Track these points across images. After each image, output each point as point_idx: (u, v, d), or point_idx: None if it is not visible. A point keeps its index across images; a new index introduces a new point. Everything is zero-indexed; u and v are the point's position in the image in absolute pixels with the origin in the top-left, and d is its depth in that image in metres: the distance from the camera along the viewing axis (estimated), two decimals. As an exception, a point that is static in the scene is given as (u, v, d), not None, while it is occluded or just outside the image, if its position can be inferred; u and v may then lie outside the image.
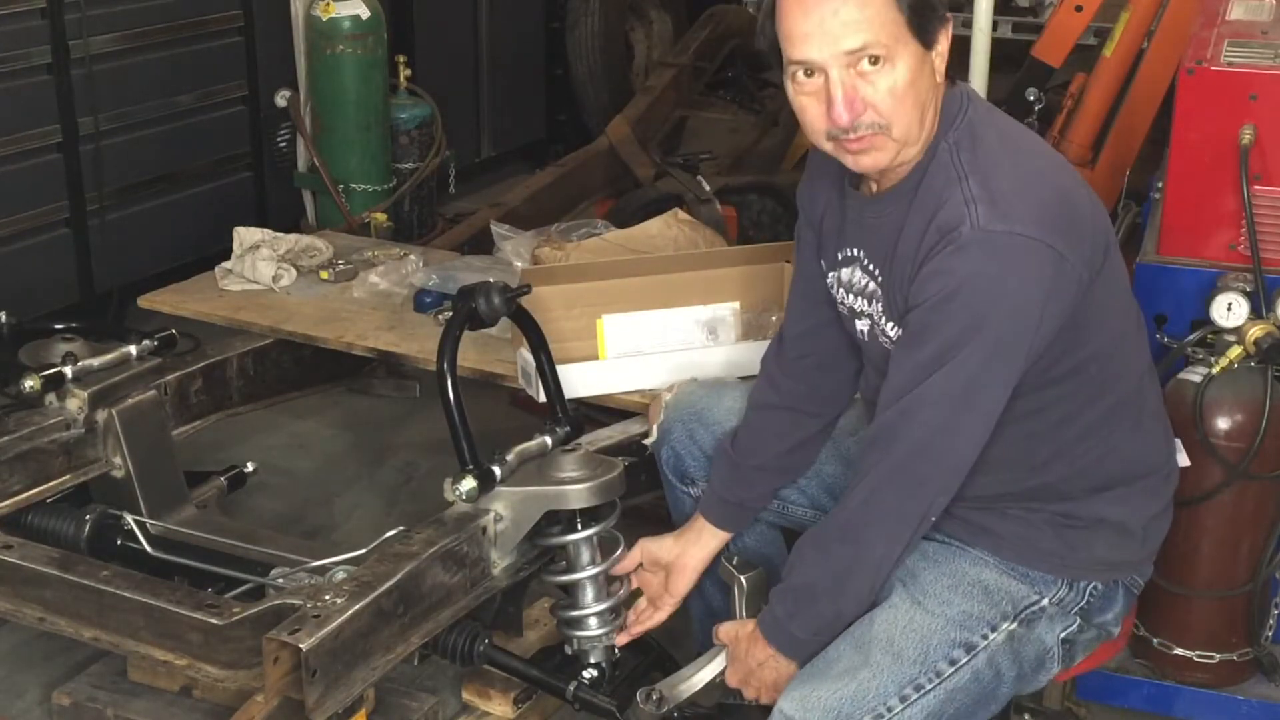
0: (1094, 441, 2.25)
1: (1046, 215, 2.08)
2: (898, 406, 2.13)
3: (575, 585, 2.59)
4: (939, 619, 2.21)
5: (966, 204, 2.07)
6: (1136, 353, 2.32)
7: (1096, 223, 2.19)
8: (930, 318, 2.09)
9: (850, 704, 2.14)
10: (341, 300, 3.56)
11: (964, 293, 2.05)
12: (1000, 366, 2.09)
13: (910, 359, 2.12)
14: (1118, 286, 2.25)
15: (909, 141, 2.13)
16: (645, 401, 3.02)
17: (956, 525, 2.28)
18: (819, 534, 2.26)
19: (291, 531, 3.50)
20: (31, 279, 4.30)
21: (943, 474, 2.15)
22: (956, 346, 2.07)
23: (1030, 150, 2.22)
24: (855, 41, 2.06)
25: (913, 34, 2.08)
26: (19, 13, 4.19)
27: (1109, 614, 2.34)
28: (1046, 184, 2.14)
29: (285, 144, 4.95)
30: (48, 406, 2.96)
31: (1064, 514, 2.27)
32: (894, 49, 2.08)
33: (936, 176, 2.13)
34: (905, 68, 2.09)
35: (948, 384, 2.08)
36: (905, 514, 2.18)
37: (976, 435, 2.13)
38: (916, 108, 2.11)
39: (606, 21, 6.34)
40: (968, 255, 2.05)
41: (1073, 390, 2.21)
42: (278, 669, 2.27)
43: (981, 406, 2.11)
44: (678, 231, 3.45)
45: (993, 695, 2.26)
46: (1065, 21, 4.11)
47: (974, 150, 2.13)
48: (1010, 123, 2.27)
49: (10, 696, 3.01)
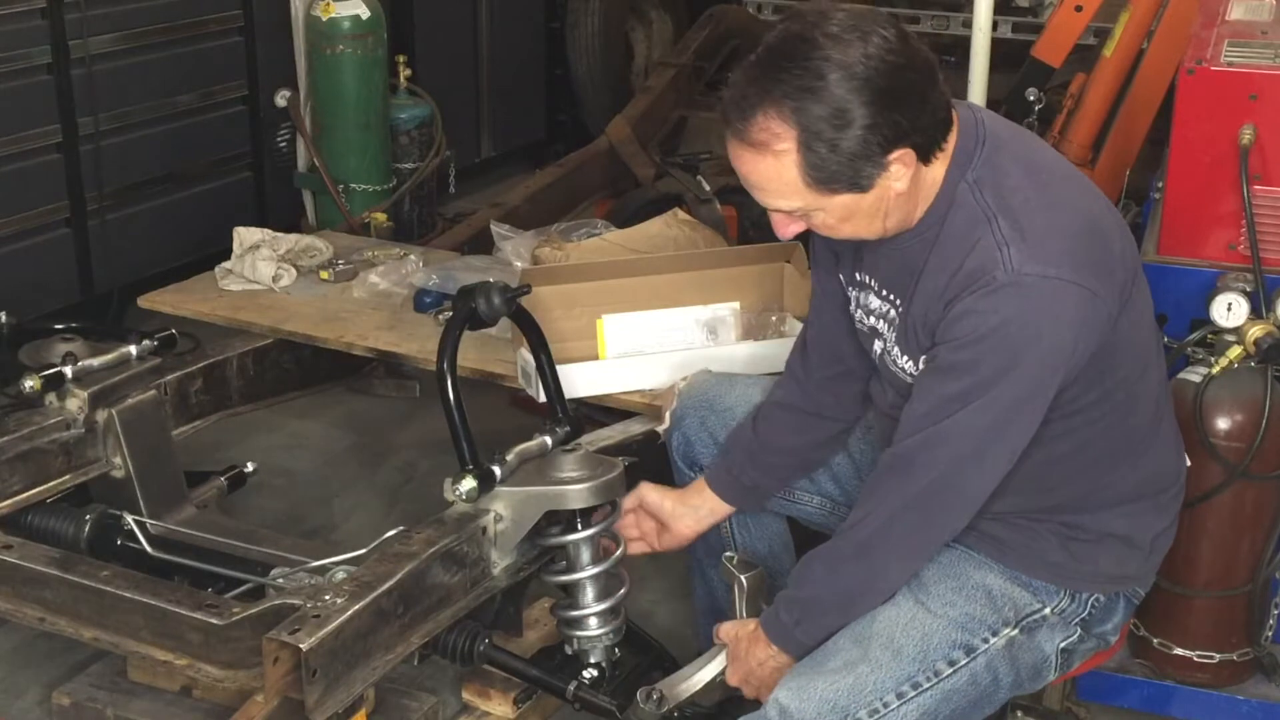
0: (1111, 462, 2.25)
1: (1079, 252, 2.06)
2: (921, 436, 2.12)
3: (575, 585, 2.60)
4: (941, 619, 2.21)
5: (999, 247, 2.04)
6: (1157, 373, 2.32)
7: (1125, 251, 2.17)
8: (961, 356, 2.07)
9: (847, 697, 2.14)
10: (341, 300, 3.56)
11: (998, 334, 2.04)
12: (1028, 405, 2.09)
13: (937, 391, 2.11)
14: (1143, 311, 2.24)
15: (886, 232, 2.14)
16: (645, 401, 3.02)
17: (964, 532, 2.27)
18: (831, 552, 2.25)
19: (291, 531, 3.50)
20: (31, 279, 4.30)
21: (962, 504, 2.16)
22: (987, 385, 2.06)
23: (1057, 174, 2.19)
24: (771, 202, 2.11)
25: (838, 193, 2.06)
26: (19, 13, 4.19)
27: (1108, 624, 2.35)
28: (1077, 215, 2.11)
29: (285, 144, 4.95)
30: (48, 406, 2.95)
31: (1071, 527, 2.27)
32: (812, 204, 2.09)
33: (960, 217, 2.10)
34: (835, 214, 2.10)
35: (975, 421, 2.08)
36: (922, 541, 2.19)
37: (1000, 469, 2.14)
38: (873, 219, 2.11)
39: (606, 21, 6.34)
40: (1003, 298, 2.03)
41: (1098, 417, 2.20)
42: (278, 669, 2.27)
43: (1007, 443, 2.11)
44: (678, 231, 3.45)
45: (989, 699, 2.26)
46: (1065, 21, 4.11)
47: (998, 186, 2.10)
48: (1032, 143, 2.24)
49: (10, 696, 3.01)
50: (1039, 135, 4.01)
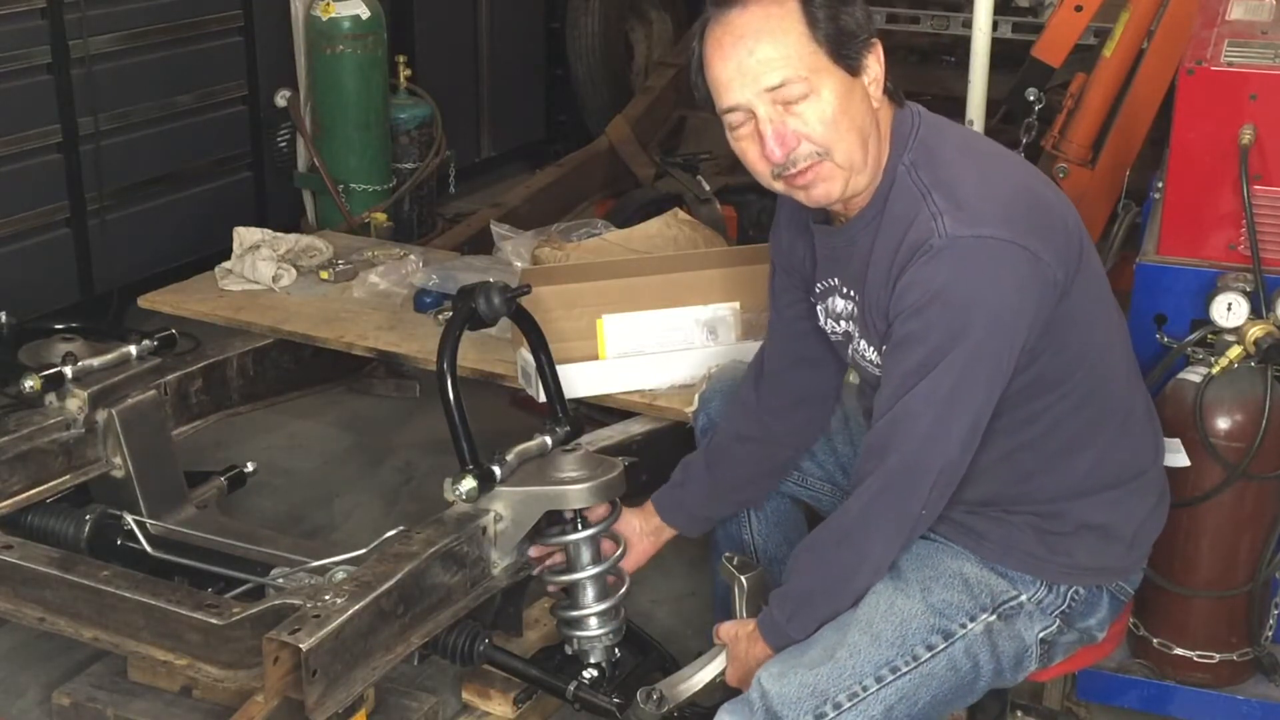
0: (1079, 449, 2.26)
1: (1014, 216, 2.10)
2: (889, 416, 2.15)
3: (575, 585, 2.60)
4: (919, 604, 2.23)
5: (934, 217, 2.09)
6: (1122, 356, 2.34)
7: (1068, 220, 2.20)
8: (910, 326, 2.11)
9: (826, 681, 2.17)
10: (341, 300, 3.56)
11: (941, 300, 2.07)
12: (984, 369, 2.11)
13: (897, 369, 2.14)
14: (1098, 288, 2.26)
15: (855, 168, 2.15)
16: (645, 401, 3.03)
17: (940, 524, 2.29)
18: (816, 541, 2.29)
19: (291, 531, 3.50)
20: (31, 279, 4.30)
21: (936, 477, 2.16)
22: (939, 353, 2.09)
23: (990, 153, 2.24)
24: (775, 78, 2.10)
25: (834, 63, 2.11)
26: (19, 13, 4.19)
27: (1092, 619, 2.35)
28: (1011, 184, 2.16)
29: (285, 144, 4.95)
30: (48, 406, 2.96)
31: (1046, 517, 2.28)
32: (816, 80, 2.11)
33: (899, 198, 2.16)
34: (832, 95, 2.11)
35: (934, 390, 2.10)
36: (901, 519, 2.20)
37: (966, 437, 2.15)
38: (853, 132, 2.14)
39: (606, 21, 6.34)
40: (941, 263, 2.07)
41: (1060, 398, 2.22)
42: (278, 669, 2.27)
43: (969, 409, 2.13)
44: (678, 231, 3.45)
45: (969, 687, 2.27)
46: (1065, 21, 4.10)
47: (932, 165, 2.15)
48: (965, 131, 2.30)
49: (10, 696, 3.01)
50: (1039, 135, 4.06)
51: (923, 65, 6.56)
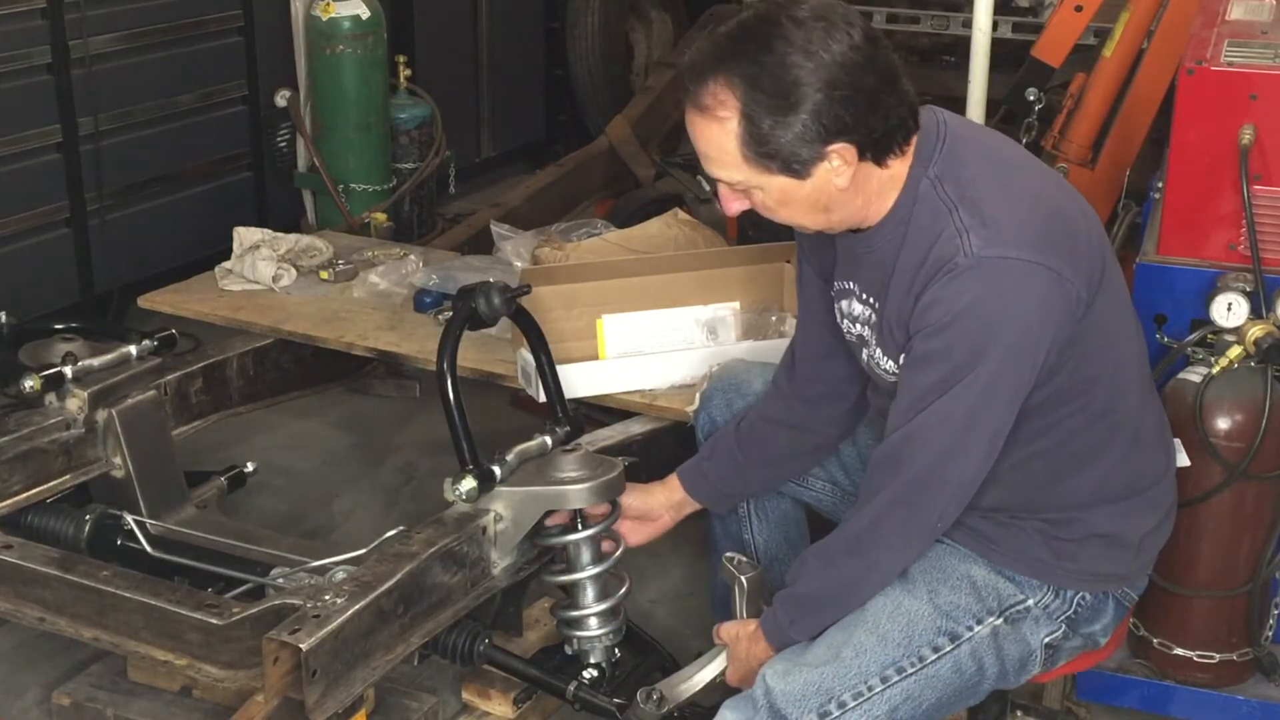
0: (1093, 460, 2.26)
1: (1040, 235, 2.08)
2: (904, 430, 2.14)
3: (575, 585, 2.60)
4: (926, 605, 2.23)
5: (959, 234, 2.08)
6: (1138, 368, 2.33)
7: (1092, 237, 2.19)
8: (932, 344, 2.10)
9: (832, 679, 2.17)
10: (341, 300, 3.56)
11: (964, 319, 2.06)
12: (1004, 389, 2.10)
13: (915, 384, 2.13)
14: (1118, 302, 2.26)
15: (829, 226, 2.18)
16: (645, 401, 3.03)
17: (950, 528, 2.28)
18: (826, 547, 2.28)
19: (291, 531, 3.50)
20: (31, 279, 4.30)
21: (950, 494, 2.17)
22: (959, 372, 2.08)
23: (1018, 166, 2.22)
24: (714, 171, 2.15)
25: (775, 174, 2.11)
26: (19, 13, 4.19)
27: (1097, 625, 2.35)
28: (1038, 201, 2.14)
29: (285, 144, 4.95)
30: (48, 406, 2.96)
31: (1056, 525, 2.28)
32: (751, 182, 2.13)
33: (924, 212, 2.14)
34: (772, 195, 2.14)
35: (952, 409, 2.10)
36: (913, 533, 2.21)
37: (982, 456, 2.15)
38: (810, 211, 2.16)
39: (606, 21, 6.34)
40: (965, 282, 2.06)
41: (1078, 410, 2.21)
42: (278, 669, 2.27)
43: (986, 429, 2.12)
44: (678, 231, 3.45)
45: (973, 689, 2.27)
46: (1065, 21, 4.11)
47: (958, 179, 2.13)
48: (993, 137, 2.27)
49: (10, 696, 3.01)
50: (1039, 135, 4.06)
51: (923, 65, 6.57)
